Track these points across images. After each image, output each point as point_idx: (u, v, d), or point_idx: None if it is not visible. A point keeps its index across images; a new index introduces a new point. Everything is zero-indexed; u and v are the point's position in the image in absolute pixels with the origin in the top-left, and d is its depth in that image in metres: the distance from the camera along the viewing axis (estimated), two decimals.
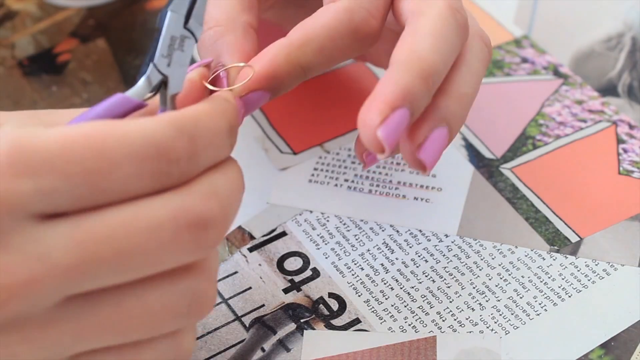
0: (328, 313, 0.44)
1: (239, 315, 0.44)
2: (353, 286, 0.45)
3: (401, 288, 0.44)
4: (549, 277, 0.45)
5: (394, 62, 0.37)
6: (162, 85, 0.36)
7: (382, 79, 0.37)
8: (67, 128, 0.31)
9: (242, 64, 0.40)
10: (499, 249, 0.46)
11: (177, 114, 0.33)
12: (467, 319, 0.43)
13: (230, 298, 0.44)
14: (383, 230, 0.47)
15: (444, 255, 0.46)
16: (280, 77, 0.39)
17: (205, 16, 0.42)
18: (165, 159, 0.32)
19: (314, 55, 0.40)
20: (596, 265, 0.45)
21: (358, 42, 0.40)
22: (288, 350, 0.42)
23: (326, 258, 0.46)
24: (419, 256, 0.46)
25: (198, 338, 0.43)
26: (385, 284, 0.45)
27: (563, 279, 0.45)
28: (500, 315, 0.43)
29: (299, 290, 0.45)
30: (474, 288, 0.44)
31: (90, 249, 0.31)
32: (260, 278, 0.45)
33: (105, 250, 0.31)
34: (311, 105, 0.52)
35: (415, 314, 0.43)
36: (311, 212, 0.48)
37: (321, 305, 0.44)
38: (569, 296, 0.44)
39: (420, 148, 0.38)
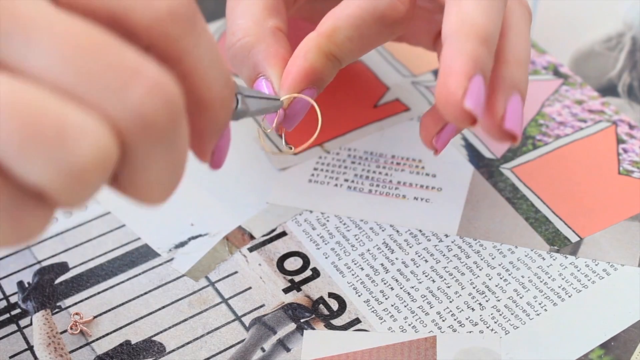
0: (328, 313, 0.44)
1: (239, 315, 0.44)
2: (353, 286, 0.45)
3: (401, 288, 0.44)
4: (549, 277, 0.45)
5: (449, 35, 0.37)
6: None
7: (445, 55, 0.37)
8: None
9: (294, 95, 0.41)
10: (499, 249, 0.46)
11: None
12: (467, 319, 0.43)
13: (230, 298, 0.44)
14: (383, 230, 0.47)
15: (444, 255, 0.46)
16: (318, 70, 0.41)
17: (233, 26, 0.43)
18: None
19: (343, 45, 0.40)
20: (596, 265, 0.45)
21: (387, 28, 0.41)
22: (288, 350, 0.42)
23: (326, 258, 0.46)
24: (419, 256, 0.46)
25: (197, 338, 0.43)
26: (385, 284, 0.45)
27: (563, 279, 0.45)
28: (500, 315, 0.43)
29: (299, 290, 0.45)
30: (474, 288, 0.44)
31: None
32: (260, 278, 0.45)
33: None
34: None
35: (415, 314, 0.43)
36: (311, 212, 0.48)
37: (321, 305, 0.44)
38: (569, 296, 0.44)
39: (504, 119, 0.39)
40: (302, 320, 0.43)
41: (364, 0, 0.41)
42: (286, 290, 0.45)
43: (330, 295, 0.44)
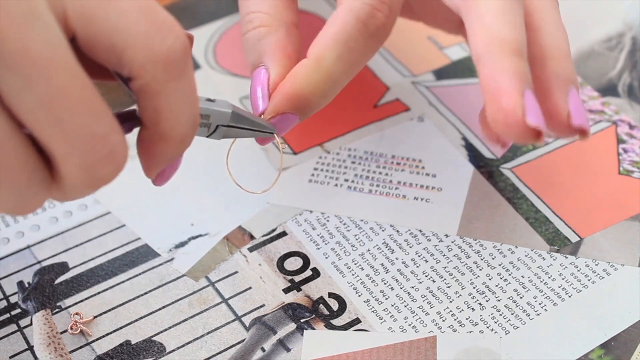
0: (328, 313, 0.44)
1: (239, 315, 0.44)
2: (353, 286, 0.45)
3: (401, 288, 0.44)
4: (549, 277, 0.45)
5: (482, 55, 0.37)
6: None
7: (485, 76, 0.37)
8: None
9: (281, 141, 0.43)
10: (499, 249, 0.46)
11: None
12: (467, 319, 0.43)
13: (230, 298, 0.44)
14: (383, 230, 0.47)
15: (444, 255, 0.46)
16: (304, 96, 0.41)
17: (251, 14, 0.43)
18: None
19: (334, 67, 0.41)
20: (596, 265, 0.45)
21: (371, 38, 0.41)
22: (288, 350, 0.42)
23: (326, 258, 0.46)
24: (419, 256, 0.46)
25: (197, 338, 0.43)
26: (385, 284, 0.45)
27: (563, 279, 0.45)
28: (500, 315, 0.43)
29: (299, 290, 0.45)
30: (474, 288, 0.44)
31: None
32: (260, 278, 0.45)
33: None
34: None
35: (415, 314, 0.43)
36: (311, 212, 0.48)
37: (321, 305, 0.44)
38: (569, 296, 0.44)
39: (571, 117, 0.39)
40: (302, 320, 0.43)
41: (345, 15, 0.41)
42: (286, 290, 0.45)
43: (331, 295, 0.44)
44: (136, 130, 0.34)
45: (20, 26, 0.28)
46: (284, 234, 0.47)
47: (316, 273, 0.45)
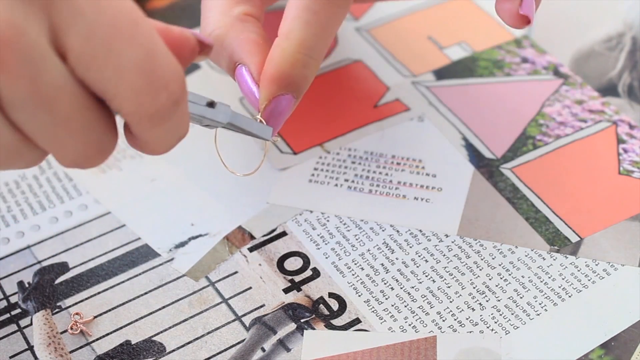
0: (328, 313, 0.44)
1: (239, 315, 0.44)
2: (353, 286, 0.45)
3: (401, 288, 0.44)
4: (549, 277, 0.45)
5: None
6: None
7: None
8: None
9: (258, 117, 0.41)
10: (499, 249, 0.46)
11: None
12: (467, 319, 0.43)
13: (231, 298, 0.44)
14: (383, 230, 0.47)
15: (444, 255, 0.46)
16: (287, 73, 0.40)
17: (203, 21, 0.43)
18: (163, 82, 0.32)
19: (304, 33, 0.41)
20: (596, 265, 0.45)
21: None
22: (288, 350, 0.42)
23: (326, 258, 0.46)
24: (419, 256, 0.46)
25: (198, 338, 0.43)
26: (385, 284, 0.45)
27: (563, 279, 0.45)
28: (500, 315, 0.43)
29: (299, 290, 0.45)
30: (474, 288, 0.44)
31: None
32: (261, 278, 0.45)
33: None
34: (311, 105, 0.52)
35: (415, 314, 0.43)
36: (311, 212, 0.48)
37: (321, 305, 0.44)
38: (569, 296, 0.44)
39: (521, 5, 0.43)
40: (302, 320, 0.43)
41: None
42: (286, 290, 0.45)
43: (331, 295, 0.44)
44: None
45: None
46: (284, 234, 0.47)
47: (316, 273, 0.45)
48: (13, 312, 0.44)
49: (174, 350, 0.42)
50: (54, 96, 0.30)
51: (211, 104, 0.37)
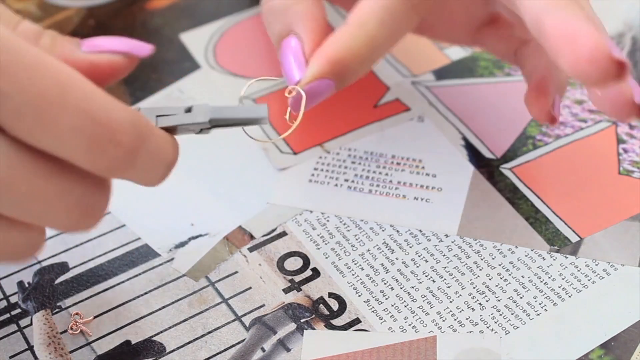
0: (328, 313, 0.44)
1: (239, 315, 0.44)
2: (353, 286, 0.45)
3: (401, 288, 0.44)
4: (549, 277, 0.45)
5: (546, 10, 0.37)
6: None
7: (558, 24, 0.36)
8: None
9: (295, 88, 0.41)
10: (499, 249, 0.46)
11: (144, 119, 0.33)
12: (467, 319, 0.43)
13: (230, 298, 0.44)
14: (383, 230, 0.47)
15: (444, 255, 0.46)
16: (345, 61, 0.40)
17: None
18: (107, 135, 0.31)
19: (377, 32, 0.40)
20: (596, 265, 0.45)
21: (413, 8, 0.41)
22: (288, 350, 0.42)
23: (326, 258, 0.46)
24: (419, 256, 0.46)
25: (198, 338, 0.43)
26: (385, 284, 0.45)
27: (563, 279, 0.45)
28: (500, 315, 0.43)
29: (299, 290, 0.45)
30: (474, 288, 0.44)
31: None
32: (260, 278, 0.45)
33: None
34: None
35: (415, 314, 0.43)
36: (311, 212, 0.48)
37: (321, 305, 0.44)
38: (569, 296, 0.44)
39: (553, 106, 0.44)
40: (302, 320, 0.43)
41: None
42: (286, 290, 0.45)
43: (331, 295, 0.44)
44: None
45: None
46: (284, 234, 0.47)
47: (316, 273, 0.45)
48: (13, 312, 0.44)
49: (173, 351, 0.42)
50: (8, 177, 0.30)
51: (189, 109, 0.36)
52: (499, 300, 0.44)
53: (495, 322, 0.43)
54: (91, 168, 0.32)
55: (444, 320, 0.43)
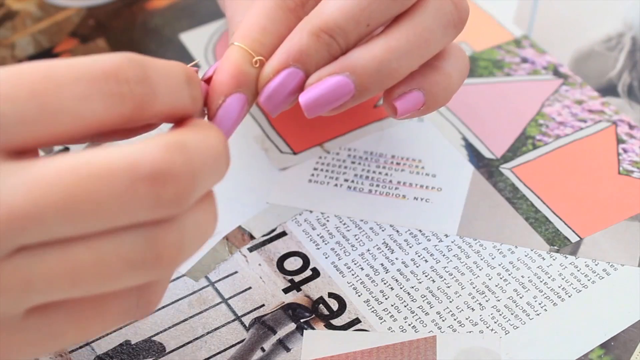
0: (328, 313, 0.44)
1: (239, 315, 0.44)
2: (353, 286, 0.45)
3: (401, 288, 0.44)
4: (549, 277, 0.45)
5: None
6: None
7: None
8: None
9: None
10: (499, 249, 0.46)
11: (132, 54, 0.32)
12: (467, 319, 0.43)
13: (230, 298, 0.44)
14: (383, 230, 0.47)
15: (444, 255, 0.46)
16: (305, 50, 0.38)
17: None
18: (113, 78, 0.31)
19: (341, 20, 0.38)
20: (596, 265, 0.45)
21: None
22: (288, 350, 0.42)
23: (326, 258, 0.46)
24: (419, 256, 0.46)
25: (197, 338, 0.43)
26: (385, 284, 0.45)
27: (563, 279, 0.45)
28: (500, 315, 0.43)
29: (299, 290, 0.45)
30: (474, 288, 0.44)
31: (40, 194, 0.29)
32: (260, 278, 0.45)
33: (55, 195, 0.29)
34: None
35: (415, 314, 0.43)
36: (311, 212, 0.48)
37: (321, 305, 0.44)
38: (569, 296, 0.44)
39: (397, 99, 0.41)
40: (302, 320, 0.43)
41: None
42: (286, 290, 0.45)
43: (330, 295, 0.44)
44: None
45: None
46: (283, 234, 0.47)
47: (316, 273, 0.45)
48: None
49: (173, 350, 0.42)
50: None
51: None
52: (498, 300, 0.44)
53: (495, 322, 0.43)
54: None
55: (443, 320, 0.43)
